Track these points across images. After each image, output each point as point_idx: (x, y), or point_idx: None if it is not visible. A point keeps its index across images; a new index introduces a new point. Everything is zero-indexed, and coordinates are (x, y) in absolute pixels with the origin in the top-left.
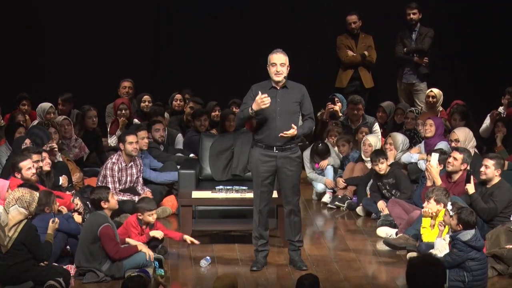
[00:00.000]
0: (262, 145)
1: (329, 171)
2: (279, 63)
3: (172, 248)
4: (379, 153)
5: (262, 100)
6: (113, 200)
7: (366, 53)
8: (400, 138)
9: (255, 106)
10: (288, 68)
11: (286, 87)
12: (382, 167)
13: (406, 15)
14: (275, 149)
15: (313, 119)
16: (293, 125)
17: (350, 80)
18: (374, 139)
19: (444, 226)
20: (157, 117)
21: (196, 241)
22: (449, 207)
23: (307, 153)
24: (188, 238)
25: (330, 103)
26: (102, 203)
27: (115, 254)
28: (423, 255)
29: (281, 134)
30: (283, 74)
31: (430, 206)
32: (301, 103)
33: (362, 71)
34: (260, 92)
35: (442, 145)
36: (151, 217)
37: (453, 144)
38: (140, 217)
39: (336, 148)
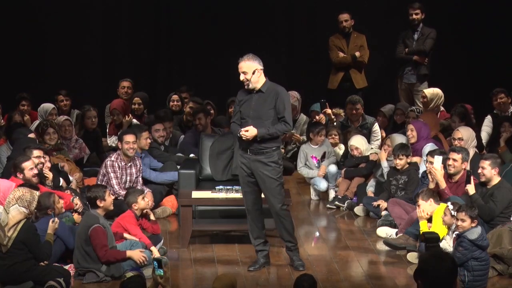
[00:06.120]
0: (240, 146)
1: (332, 170)
2: (241, 72)
3: (172, 248)
4: (402, 149)
5: (243, 133)
6: (109, 199)
7: (357, 54)
8: (398, 139)
9: (240, 133)
10: (257, 72)
11: (262, 91)
12: (401, 162)
13: (409, 15)
14: (248, 152)
15: (286, 122)
16: (252, 126)
17: (341, 82)
18: (358, 141)
19: (447, 228)
20: (165, 121)
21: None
22: (450, 206)
23: (303, 147)
24: (154, 251)
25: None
26: (98, 202)
27: (103, 257)
28: (433, 251)
29: (240, 132)
30: (249, 82)
31: (422, 208)
32: (275, 106)
33: (353, 72)
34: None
35: (429, 147)
36: (143, 201)
37: (456, 143)
38: (135, 208)
39: (336, 148)
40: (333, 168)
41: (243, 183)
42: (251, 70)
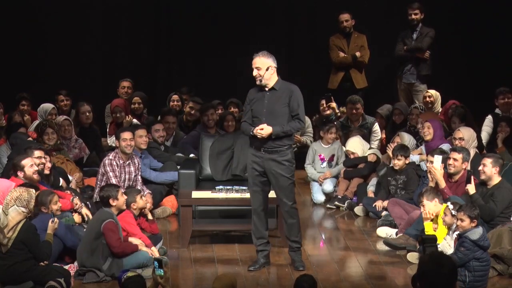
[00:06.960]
0: (253, 145)
1: (328, 189)
2: (254, 67)
3: (172, 248)
4: (401, 149)
5: (258, 132)
6: (122, 199)
7: (358, 54)
8: (407, 138)
9: (254, 131)
10: (270, 70)
11: (275, 88)
12: (399, 163)
13: (408, 15)
14: (262, 150)
15: (300, 120)
16: (265, 124)
17: (341, 82)
18: (354, 145)
19: (448, 228)
20: (169, 115)
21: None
22: (450, 206)
23: (313, 145)
24: (154, 251)
25: (324, 101)
26: (111, 201)
27: (119, 248)
28: (432, 254)
29: (254, 130)
30: (261, 78)
31: (428, 208)
32: (289, 104)
33: (353, 72)
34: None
35: (444, 147)
36: (141, 200)
37: (457, 143)
38: (134, 207)
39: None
40: (330, 187)
41: (252, 183)
42: (265, 66)
